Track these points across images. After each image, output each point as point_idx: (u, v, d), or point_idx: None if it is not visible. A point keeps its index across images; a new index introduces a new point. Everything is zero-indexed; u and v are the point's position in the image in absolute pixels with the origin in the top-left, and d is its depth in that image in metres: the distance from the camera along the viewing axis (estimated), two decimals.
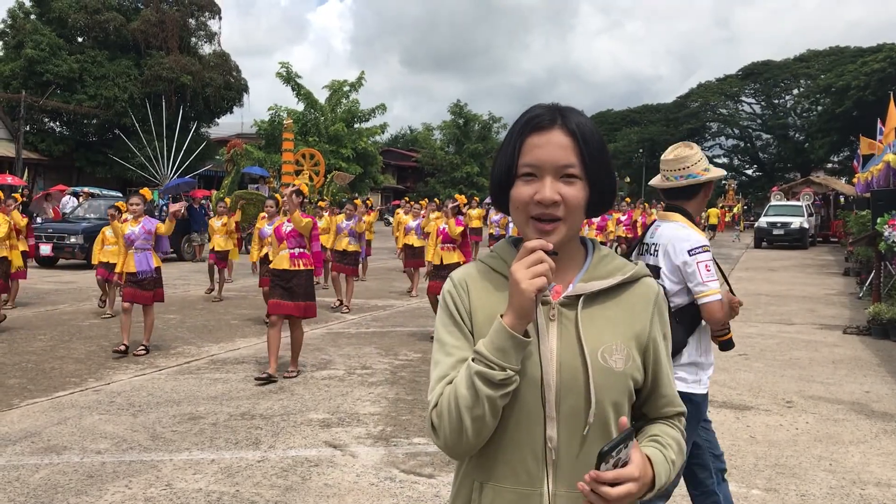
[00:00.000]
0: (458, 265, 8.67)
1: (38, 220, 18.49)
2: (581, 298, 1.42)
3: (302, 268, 7.21)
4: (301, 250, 7.28)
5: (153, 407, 6.10)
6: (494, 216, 11.72)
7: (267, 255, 9.17)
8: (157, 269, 8.27)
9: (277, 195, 8.30)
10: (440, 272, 9.02)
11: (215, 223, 13.49)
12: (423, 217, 13.29)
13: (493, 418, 1.35)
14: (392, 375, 7.33)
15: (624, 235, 20.21)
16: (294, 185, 7.52)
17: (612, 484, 1.27)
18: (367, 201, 21.80)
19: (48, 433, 5.37)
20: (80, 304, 11.74)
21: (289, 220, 7.36)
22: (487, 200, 11.53)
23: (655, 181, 3.31)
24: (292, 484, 4.45)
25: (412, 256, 13.20)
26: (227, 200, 17.25)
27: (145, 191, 8.67)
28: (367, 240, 15.24)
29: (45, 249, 17.16)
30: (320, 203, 17.41)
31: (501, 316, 1.34)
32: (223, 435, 5.38)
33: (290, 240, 7.26)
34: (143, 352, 8.10)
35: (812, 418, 5.91)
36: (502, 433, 1.39)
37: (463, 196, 10.68)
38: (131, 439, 5.25)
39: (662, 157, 3.25)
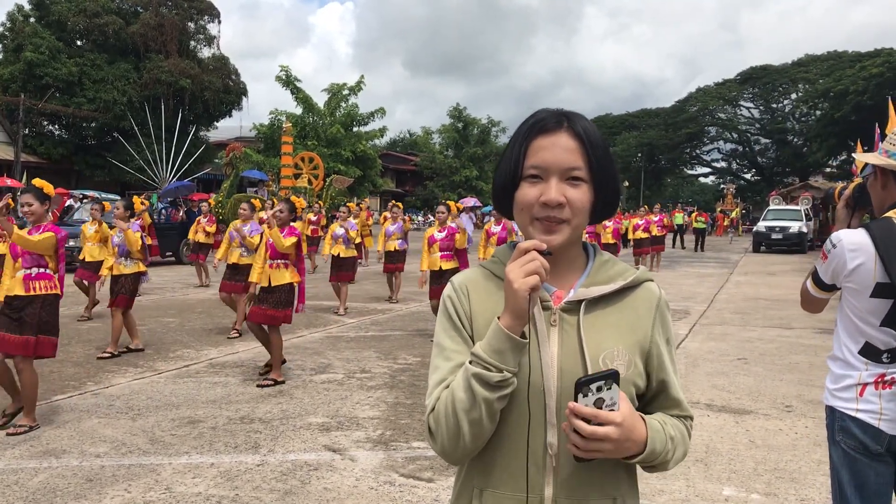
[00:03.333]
0: (290, 286, 7.27)
1: None
2: (582, 304, 1.42)
3: (39, 292, 5.63)
4: (40, 271, 5.71)
5: (152, 410, 6.09)
6: (436, 233, 9.70)
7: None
8: None
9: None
10: (263, 294, 7.28)
11: (88, 228, 11.00)
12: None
13: (491, 422, 1.35)
14: (391, 379, 7.33)
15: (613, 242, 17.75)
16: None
17: (591, 422, 1.26)
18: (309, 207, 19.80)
19: (47, 437, 5.36)
20: (78, 308, 11.71)
21: (37, 230, 5.76)
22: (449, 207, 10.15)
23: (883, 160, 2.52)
24: (291, 488, 4.44)
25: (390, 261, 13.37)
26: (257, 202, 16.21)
27: None
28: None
29: None
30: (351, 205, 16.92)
31: (498, 318, 1.33)
32: (222, 439, 5.37)
33: (26, 257, 5.70)
34: None
35: (811, 423, 5.91)
36: (502, 439, 1.39)
37: (302, 199, 8.50)
38: (130, 443, 5.25)
39: None
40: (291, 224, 7.46)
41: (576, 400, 1.26)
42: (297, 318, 11.06)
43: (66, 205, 23.76)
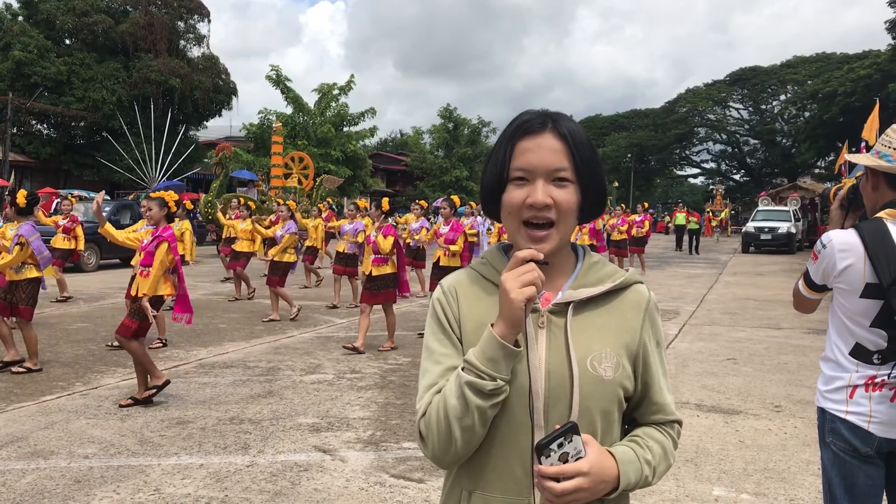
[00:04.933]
0: (159, 298, 6.59)
1: None
2: (570, 306, 1.42)
3: None
4: None
5: (141, 411, 6.06)
6: (372, 233, 9.17)
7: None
8: None
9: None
10: (132, 305, 6.63)
11: (8, 230, 8.93)
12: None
13: (483, 428, 1.35)
14: (382, 380, 7.32)
15: (591, 243, 16.70)
16: None
17: (558, 479, 1.27)
18: (251, 204, 17.77)
19: (35, 438, 5.32)
20: (67, 308, 11.65)
21: None
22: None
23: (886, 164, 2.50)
24: (282, 489, 4.43)
25: (342, 263, 12.50)
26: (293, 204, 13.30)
27: None
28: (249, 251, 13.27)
29: None
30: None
31: (492, 325, 1.33)
32: (212, 439, 5.35)
33: None
34: None
35: (801, 423, 5.94)
36: (491, 441, 1.39)
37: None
38: (119, 444, 5.22)
39: None
40: (169, 225, 6.70)
41: (539, 462, 1.28)
42: (285, 318, 11.04)
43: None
